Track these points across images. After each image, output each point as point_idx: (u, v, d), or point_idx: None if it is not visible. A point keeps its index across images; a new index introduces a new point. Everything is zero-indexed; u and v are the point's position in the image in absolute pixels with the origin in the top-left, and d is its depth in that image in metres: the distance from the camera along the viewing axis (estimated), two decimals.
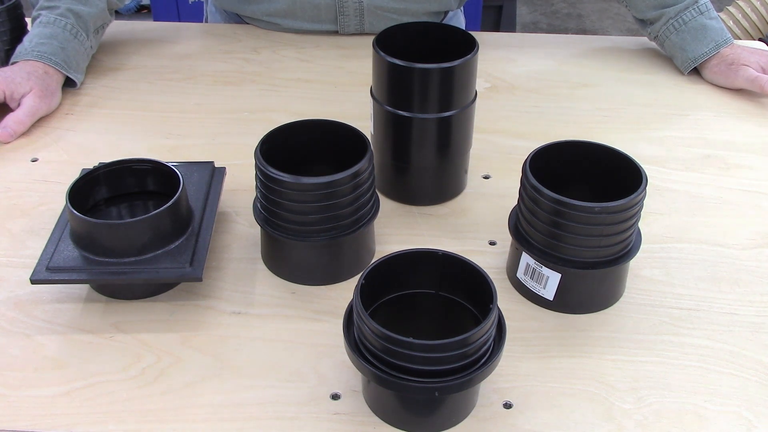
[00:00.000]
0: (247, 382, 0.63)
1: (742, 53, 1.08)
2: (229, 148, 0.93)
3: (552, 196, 0.65)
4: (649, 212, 0.83)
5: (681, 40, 1.11)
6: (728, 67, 1.07)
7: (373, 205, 0.73)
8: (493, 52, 1.17)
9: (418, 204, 0.84)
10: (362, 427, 0.60)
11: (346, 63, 1.13)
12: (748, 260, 0.78)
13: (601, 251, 0.66)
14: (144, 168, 0.75)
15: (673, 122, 1.01)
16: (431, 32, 0.82)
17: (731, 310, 0.72)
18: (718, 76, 1.09)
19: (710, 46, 1.08)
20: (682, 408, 0.62)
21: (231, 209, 0.83)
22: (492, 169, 0.90)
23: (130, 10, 3.01)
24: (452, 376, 0.55)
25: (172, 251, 0.69)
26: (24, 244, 0.78)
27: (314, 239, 0.70)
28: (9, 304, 0.71)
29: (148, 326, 0.69)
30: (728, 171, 0.91)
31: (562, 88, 1.09)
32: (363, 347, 0.57)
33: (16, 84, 0.95)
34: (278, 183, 0.67)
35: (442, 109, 0.77)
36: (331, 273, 0.73)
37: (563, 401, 0.62)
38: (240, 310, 0.71)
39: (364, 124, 0.77)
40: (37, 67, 0.99)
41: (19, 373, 0.64)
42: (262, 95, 1.05)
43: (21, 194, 0.85)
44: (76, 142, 0.94)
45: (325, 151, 0.75)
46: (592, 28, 3.48)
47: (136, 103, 1.03)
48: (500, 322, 0.59)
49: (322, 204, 0.68)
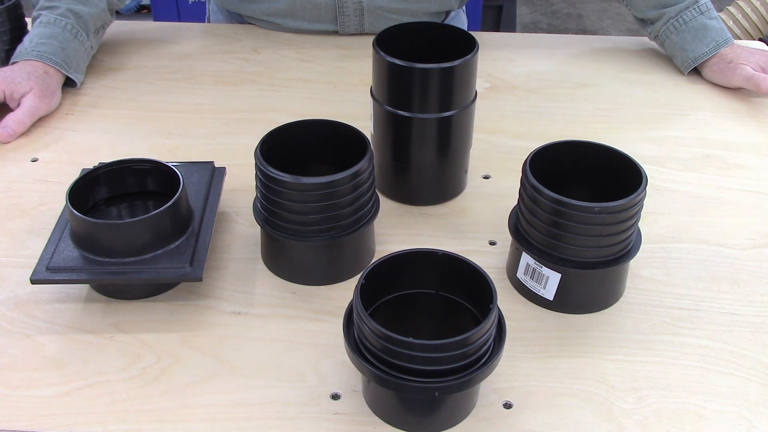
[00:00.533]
0: (247, 382, 0.63)
1: (741, 53, 1.08)
2: (229, 148, 0.93)
3: (552, 196, 0.65)
4: (649, 212, 0.83)
5: (681, 40, 1.11)
6: (727, 65, 1.07)
7: (373, 205, 0.73)
8: (493, 52, 1.17)
9: (418, 204, 0.84)
10: (362, 427, 0.60)
11: (346, 63, 1.13)
12: (748, 260, 0.78)
13: (601, 251, 0.66)
14: (144, 168, 0.75)
15: (673, 122, 1.01)
16: (431, 32, 0.82)
17: (731, 310, 0.72)
18: (717, 75, 1.09)
19: (710, 46, 1.08)
20: (682, 408, 0.62)
21: (231, 209, 0.83)
22: (492, 169, 0.90)
23: (130, 10, 3.01)
24: (452, 376, 0.55)
25: (172, 251, 0.69)
26: (24, 244, 0.78)
27: (314, 239, 0.70)
28: (9, 304, 0.71)
29: (148, 326, 0.69)
30: (728, 171, 0.91)
31: (562, 88, 1.09)
32: (363, 347, 0.57)
33: (16, 84, 0.95)
34: (278, 183, 0.67)
35: (442, 109, 0.77)
36: (331, 273, 0.73)
37: (563, 401, 0.62)
38: (240, 310, 0.71)
39: (364, 124, 0.77)
40: (37, 67, 0.99)
41: (19, 373, 0.64)
42: (262, 95, 1.05)
43: (21, 194, 0.85)
44: (76, 142, 0.94)
45: (325, 151, 0.75)
46: (592, 28, 3.48)
47: (136, 103, 1.03)
48: (500, 322, 0.59)
49: (322, 204, 0.68)
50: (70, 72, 1.02)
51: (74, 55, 1.03)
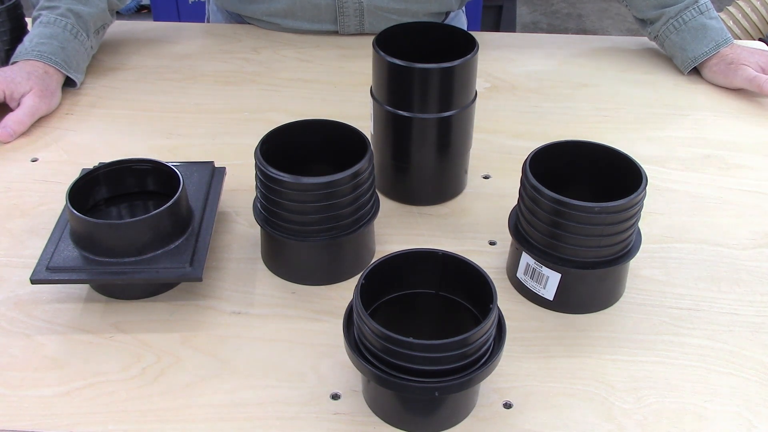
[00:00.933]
0: (247, 382, 0.63)
1: (741, 53, 1.08)
2: (229, 148, 0.93)
3: (552, 196, 0.65)
4: (649, 212, 0.83)
5: (681, 40, 1.11)
6: (727, 66, 1.07)
7: (373, 205, 0.73)
8: (493, 52, 1.17)
9: (418, 204, 0.84)
10: (362, 427, 0.60)
11: (346, 63, 1.13)
12: (748, 260, 0.78)
13: (601, 251, 0.66)
14: (144, 168, 0.75)
15: (673, 122, 1.01)
16: (431, 32, 0.82)
17: (731, 310, 0.72)
18: (718, 76, 1.09)
19: (710, 46, 1.08)
20: (682, 408, 0.62)
21: (231, 209, 0.83)
22: (492, 169, 0.90)
23: (130, 10, 3.01)
24: (452, 376, 0.55)
25: (172, 251, 0.69)
26: (24, 244, 0.78)
27: (314, 239, 0.70)
28: (9, 304, 0.71)
29: (148, 326, 0.69)
30: (728, 171, 0.91)
31: (562, 88, 1.09)
32: (363, 347, 0.57)
33: (16, 84, 0.95)
34: (278, 183, 0.67)
35: (442, 109, 0.77)
36: (332, 273, 0.73)
37: (563, 401, 0.62)
38: (240, 310, 0.71)
39: (364, 124, 0.77)
40: (37, 67, 0.99)
41: (19, 373, 0.64)
42: (262, 95, 1.05)
43: (21, 194, 0.85)
44: (76, 142, 0.94)
45: (325, 151, 0.75)
46: (592, 28, 3.48)
47: (136, 103, 1.03)
48: (500, 322, 0.59)
49: (322, 204, 0.68)
50: (70, 72, 1.02)
51: (74, 55, 1.03)
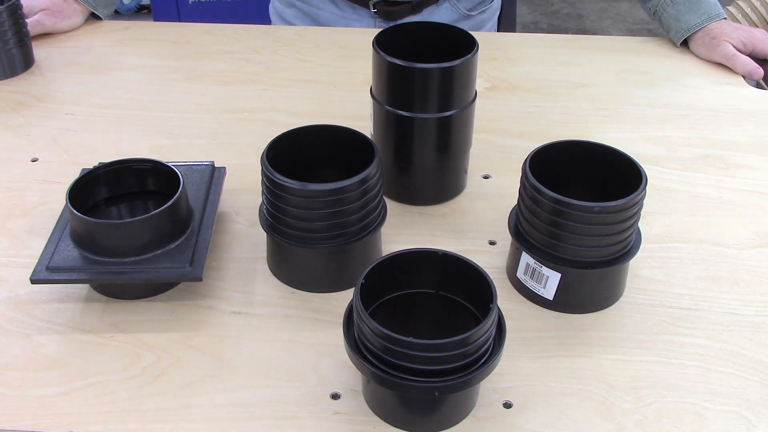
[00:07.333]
0: (247, 382, 0.63)
1: (726, 28, 1.11)
2: (229, 148, 0.93)
3: (552, 196, 0.65)
4: (649, 212, 0.83)
5: (676, 12, 1.14)
6: (711, 40, 1.11)
7: (380, 212, 0.73)
8: (493, 52, 1.17)
9: (418, 204, 0.84)
10: (362, 426, 0.60)
11: (346, 63, 1.13)
12: (748, 260, 0.78)
13: (601, 251, 0.66)
14: (144, 168, 0.75)
15: (673, 122, 1.01)
16: (431, 32, 0.82)
17: (731, 310, 0.72)
18: (701, 49, 1.13)
19: (703, 18, 1.12)
20: (682, 408, 0.62)
21: (231, 209, 0.83)
22: (492, 169, 0.90)
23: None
24: (452, 376, 0.55)
25: (172, 251, 0.69)
26: (24, 244, 0.78)
27: (321, 246, 0.69)
28: (9, 304, 0.71)
29: (148, 326, 0.69)
30: (728, 171, 0.91)
31: (562, 88, 1.09)
32: (363, 347, 0.57)
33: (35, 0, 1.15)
34: (285, 189, 0.66)
35: (442, 109, 0.77)
36: (339, 280, 0.73)
37: (563, 401, 0.62)
38: (240, 310, 0.71)
39: (364, 124, 0.77)
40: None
41: (19, 373, 0.64)
42: (262, 95, 1.05)
43: (21, 194, 0.85)
44: (76, 142, 0.94)
45: (331, 156, 0.75)
46: (592, 28, 3.48)
47: (136, 103, 1.03)
48: (500, 322, 0.59)
49: (329, 211, 0.67)
50: (96, 8, 1.19)
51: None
